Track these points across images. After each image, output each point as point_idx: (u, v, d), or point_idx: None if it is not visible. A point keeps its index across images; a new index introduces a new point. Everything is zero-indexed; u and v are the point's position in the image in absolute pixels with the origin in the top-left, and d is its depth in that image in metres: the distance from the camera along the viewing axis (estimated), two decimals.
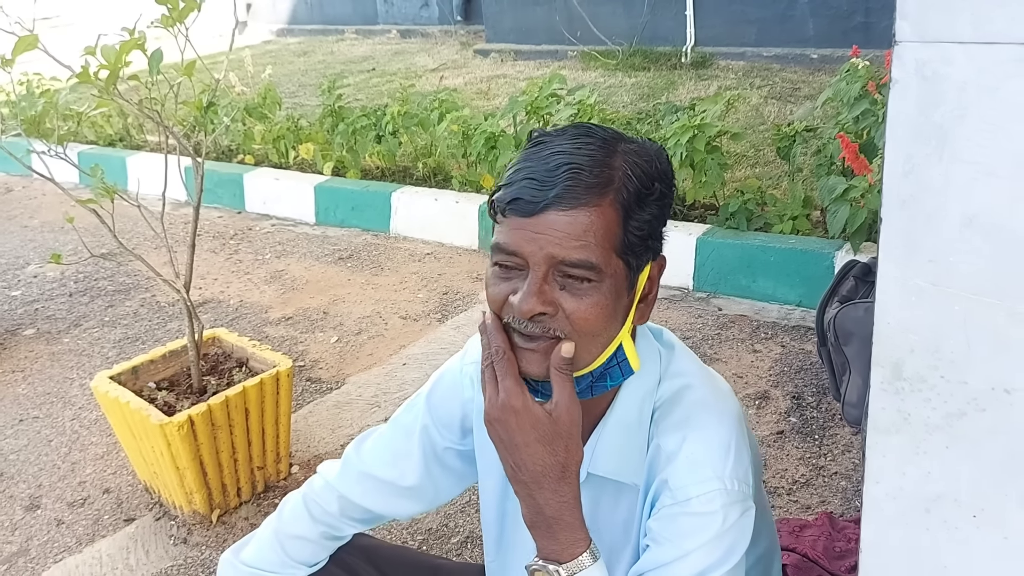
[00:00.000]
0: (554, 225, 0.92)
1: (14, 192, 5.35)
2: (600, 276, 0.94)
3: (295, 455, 2.53)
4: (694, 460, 0.99)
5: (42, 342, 3.36)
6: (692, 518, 0.97)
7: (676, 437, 1.02)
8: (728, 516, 0.97)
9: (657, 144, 1.03)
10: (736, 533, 0.98)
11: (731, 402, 1.07)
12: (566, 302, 0.94)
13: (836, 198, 2.93)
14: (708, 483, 0.98)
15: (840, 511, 2.14)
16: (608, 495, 1.09)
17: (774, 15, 6.25)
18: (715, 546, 0.96)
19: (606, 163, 0.95)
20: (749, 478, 1.01)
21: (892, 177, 0.67)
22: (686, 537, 0.97)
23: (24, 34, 1.98)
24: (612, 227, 0.94)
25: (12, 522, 2.34)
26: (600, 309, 0.95)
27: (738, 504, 0.98)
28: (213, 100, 2.21)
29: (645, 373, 1.06)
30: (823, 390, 2.64)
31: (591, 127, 1.00)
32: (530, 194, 0.93)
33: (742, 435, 1.04)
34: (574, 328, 0.95)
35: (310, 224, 4.43)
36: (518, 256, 0.94)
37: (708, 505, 0.97)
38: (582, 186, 0.93)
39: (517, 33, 7.36)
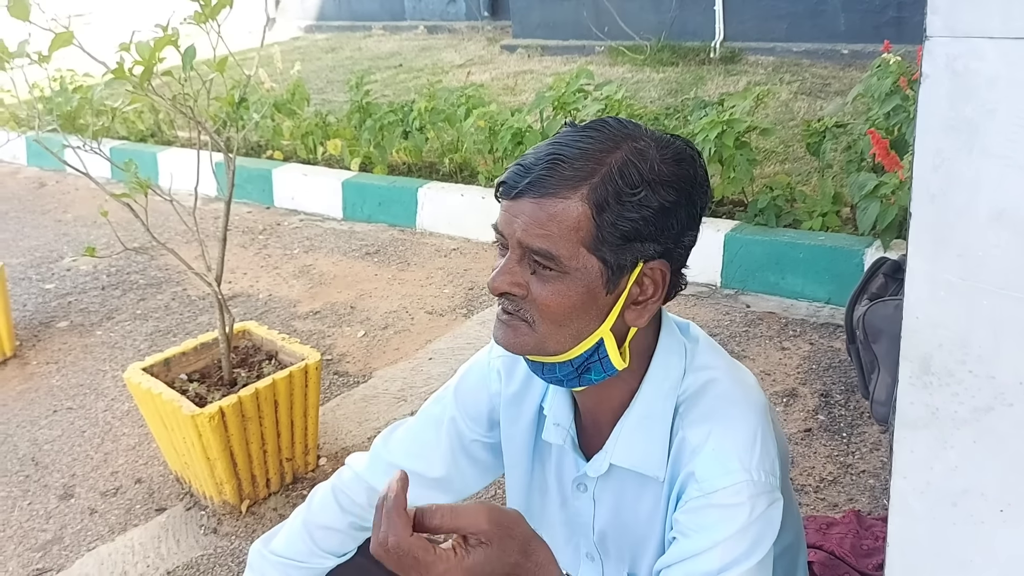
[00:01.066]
0: (524, 211, 0.95)
1: (48, 187, 5.44)
2: (562, 267, 0.95)
3: (323, 447, 2.56)
4: (720, 452, 0.99)
5: (75, 334, 3.42)
6: (719, 510, 0.97)
7: (702, 430, 1.02)
8: (755, 507, 0.97)
9: (682, 144, 1.01)
10: (763, 524, 0.98)
11: (757, 394, 1.07)
12: (534, 286, 0.97)
13: (866, 195, 2.91)
14: (734, 474, 0.97)
15: (868, 509, 2.12)
16: (631, 487, 1.10)
17: (805, 10, 6.19)
18: (742, 538, 0.96)
19: (596, 157, 0.95)
20: (776, 469, 1.01)
21: (922, 171, 0.67)
22: (713, 529, 0.97)
23: (60, 31, 2.02)
24: (582, 222, 0.94)
25: (47, 510, 2.39)
26: (562, 299, 0.96)
27: (765, 495, 0.98)
28: (244, 96, 2.24)
29: (669, 366, 1.06)
30: (852, 388, 2.62)
31: (609, 122, 1.00)
32: (512, 179, 0.97)
33: (768, 427, 1.03)
34: (539, 313, 0.98)
35: (337, 219, 4.46)
36: (502, 235, 0.99)
37: (735, 497, 0.97)
38: (556, 177, 0.94)
39: (544, 28, 7.35)
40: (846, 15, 6.06)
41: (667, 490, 1.05)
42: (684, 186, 0.98)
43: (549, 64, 6.84)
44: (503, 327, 1.02)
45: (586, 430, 1.14)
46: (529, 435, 1.20)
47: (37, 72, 2.25)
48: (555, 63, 6.87)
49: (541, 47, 7.24)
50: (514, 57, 7.22)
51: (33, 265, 4.14)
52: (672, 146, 1.00)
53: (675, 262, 1.01)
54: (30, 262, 4.18)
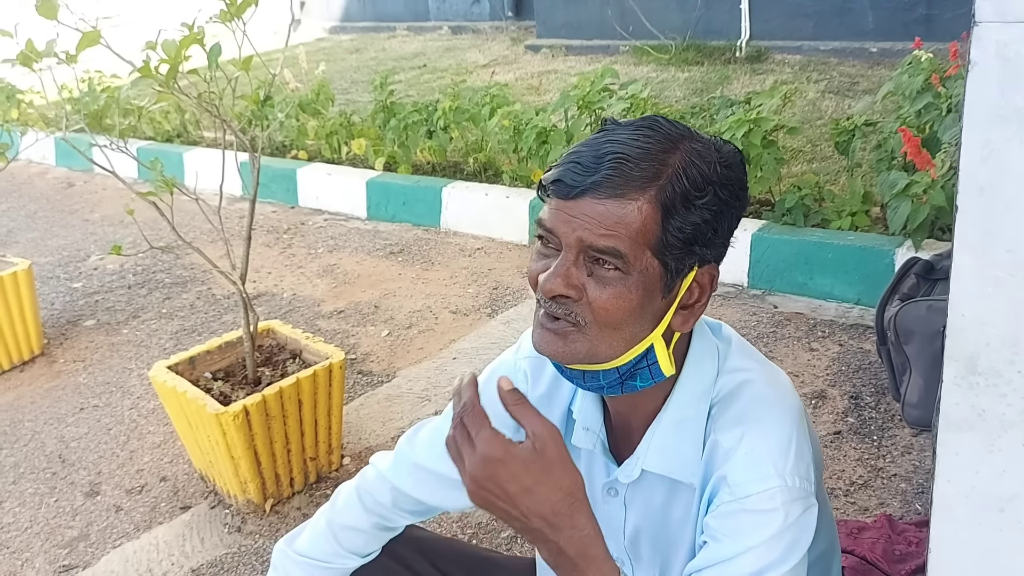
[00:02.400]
0: (588, 211, 0.92)
1: (76, 186, 5.49)
2: (627, 267, 0.93)
3: (346, 447, 2.56)
4: (754, 456, 0.97)
5: (102, 333, 3.44)
6: (752, 515, 0.95)
7: (735, 433, 0.99)
8: (789, 513, 0.94)
9: (732, 147, 0.99)
10: (797, 531, 0.95)
11: (791, 397, 1.04)
12: (591, 288, 0.94)
13: (897, 193, 2.86)
14: (768, 480, 0.95)
15: (899, 514, 2.08)
16: (662, 492, 1.07)
17: (832, 8, 6.12)
18: (775, 544, 0.93)
19: (659, 158, 0.93)
20: (811, 475, 0.99)
21: (969, 163, 0.65)
22: (745, 534, 0.94)
23: (87, 31, 2.03)
24: (648, 223, 0.92)
25: (73, 507, 2.40)
26: (622, 301, 0.93)
27: (800, 501, 0.96)
28: (269, 95, 2.24)
29: (702, 369, 1.04)
30: (882, 390, 2.57)
31: (660, 121, 0.97)
32: (571, 177, 0.93)
33: (803, 431, 1.01)
34: (594, 316, 0.94)
35: (362, 219, 4.47)
36: (553, 235, 0.95)
37: (768, 502, 0.94)
38: (623, 177, 0.91)
39: (568, 28, 7.32)
40: (874, 13, 5.99)
41: (699, 495, 1.03)
42: (737, 188, 0.97)
43: (573, 64, 6.82)
44: (549, 334, 0.97)
45: (616, 433, 1.12)
46: None
47: (65, 73, 2.27)
48: (579, 63, 6.85)
49: (565, 47, 7.22)
50: (538, 57, 7.20)
51: (61, 264, 4.18)
52: (723, 148, 0.98)
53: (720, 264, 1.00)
54: (58, 261, 4.22)
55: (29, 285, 3.19)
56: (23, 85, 5.48)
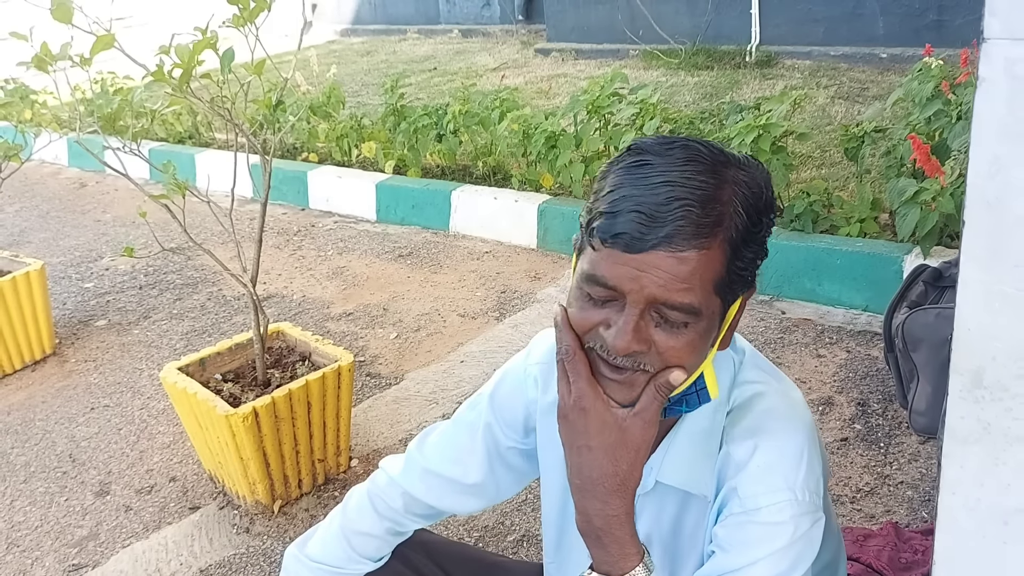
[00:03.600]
0: (660, 266, 0.87)
1: (88, 187, 5.52)
2: (699, 318, 0.91)
3: (354, 449, 2.57)
4: (765, 469, 0.97)
5: (113, 333, 3.46)
6: (761, 527, 0.96)
7: (747, 445, 1.00)
8: (798, 527, 0.95)
9: (762, 167, 0.97)
10: (804, 544, 0.96)
11: (803, 411, 1.05)
12: (659, 339, 0.91)
13: (906, 200, 2.86)
14: (779, 493, 0.96)
15: (906, 521, 2.08)
16: (674, 504, 1.08)
17: (842, 13, 6.12)
18: (783, 556, 0.94)
19: (716, 197, 0.89)
20: (820, 489, 1.00)
21: (977, 178, 0.65)
22: (754, 546, 0.95)
23: (101, 34, 2.04)
24: (718, 268, 0.90)
25: (83, 507, 2.42)
26: (693, 348, 0.92)
27: (808, 515, 0.96)
28: (281, 98, 2.25)
29: (719, 381, 1.04)
30: (889, 397, 2.57)
31: (698, 148, 0.93)
32: (638, 230, 0.87)
33: (814, 445, 1.01)
34: (664, 362, 0.93)
35: (371, 221, 4.48)
36: (616, 291, 0.90)
37: (778, 515, 0.95)
38: (693, 226, 0.87)
39: (578, 32, 7.33)
40: (885, 19, 5.98)
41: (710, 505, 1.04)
42: (772, 208, 0.96)
43: (583, 68, 6.83)
44: (617, 386, 0.94)
45: None
46: None
47: (79, 74, 2.29)
48: (589, 67, 6.86)
49: (575, 51, 7.23)
50: (548, 60, 7.22)
51: (73, 264, 4.20)
52: (754, 167, 0.96)
53: None
54: (70, 261, 4.25)
55: (42, 285, 3.21)
56: (36, 86, 5.52)
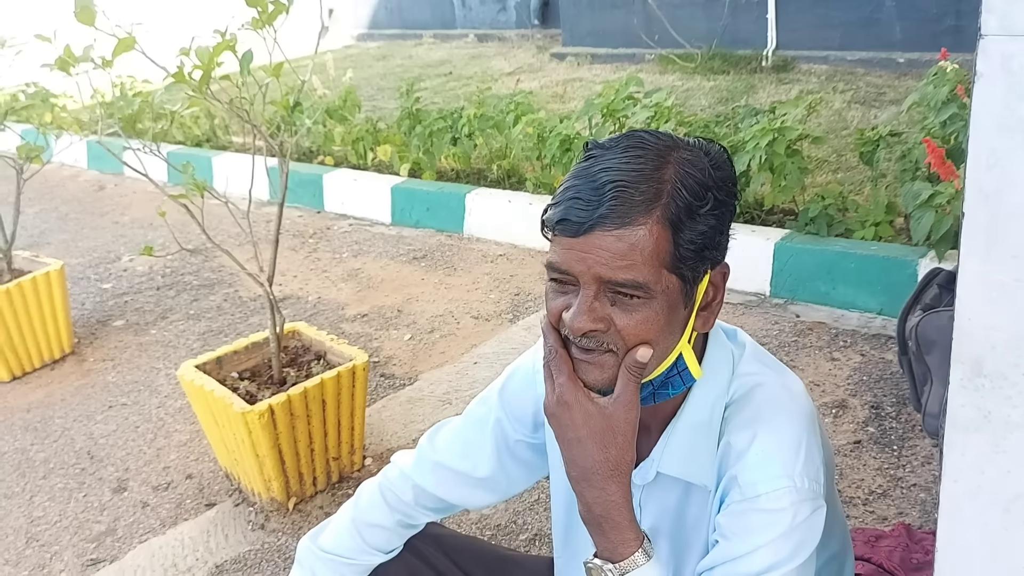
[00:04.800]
0: (600, 245, 0.92)
1: (107, 189, 5.59)
2: (650, 293, 0.94)
3: (368, 448, 2.59)
4: (764, 457, 0.99)
5: (131, 333, 3.50)
6: (761, 514, 0.97)
7: (746, 434, 1.02)
8: (798, 513, 0.96)
9: (717, 147, 1.01)
10: (805, 531, 0.97)
11: (803, 401, 1.06)
12: (617, 318, 0.95)
13: (921, 204, 2.85)
14: (777, 480, 0.97)
15: (918, 523, 2.08)
16: (676, 494, 1.09)
17: (859, 18, 6.10)
18: (784, 543, 0.96)
19: (655, 177, 0.94)
20: (820, 477, 1.01)
21: (975, 171, 0.67)
22: (755, 533, 0.97)
23: (123, 36, 2.08)
24: (661, 244, 0.93)
25: (101, 503, 2.45)
26: (651, 324, 0.95)
27: (808, 502, 0.98)
28: (299, 100, 2.29)
29: (717, 374, 1.06)
30: (903, 400, 2.57)
31: (644, 136, 0.98)
32: (576, 215, 0.93)
33: (813, 434, 1.03)
34: (626, 342, 0.96)
35: (386, 224, 4.51)
36: (569, 275, 0.96)
37: (777, 502, 0.97)
38: (627, 204, 0.92)
39: (594, 36, 7.35)
40: (902, 23, 5.96)
41: (711, 495, 1.05)
42: (731, 186, 0.99)
43: (599, 72, 6.84)
44: (588, 367, 0.99)
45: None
46: None
47: (100, 78, 2.33)
48: (605, 71, 6.87)
49: (591, 55, 7.24)
50: (564, 65, 7.24)
51: (92, 265, 4.26)
52: (711, 150, 1.00)
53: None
54: (89, 262, 4.30)
55: (61, 285, 3.26)
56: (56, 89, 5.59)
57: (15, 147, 3.19)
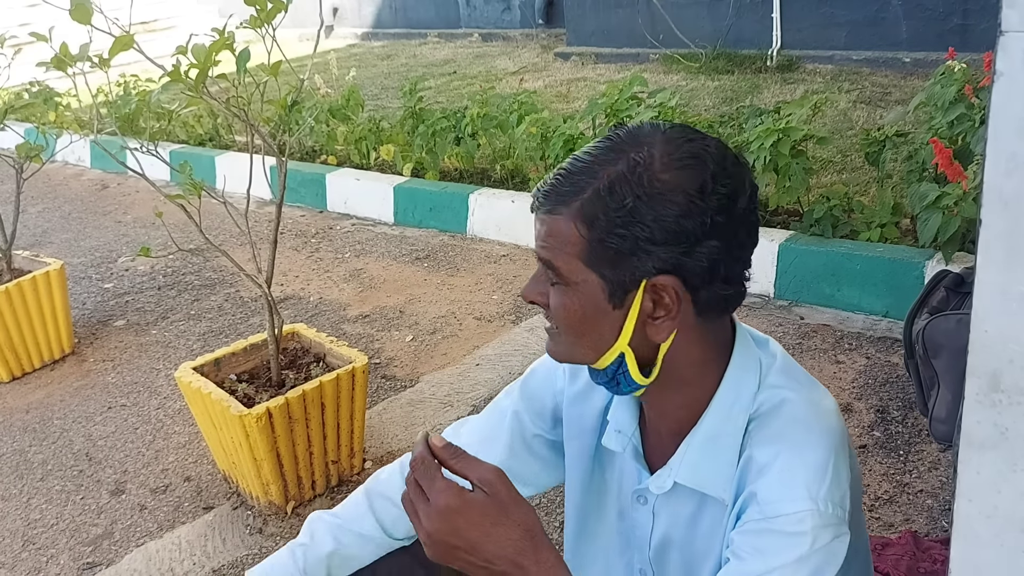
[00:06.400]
0: (536, 225, 1.00)
1: (109, 189, 5.57)
2: (562, 279, 0.98)
3: (368, 451, 2.56)
4: (787, 476, 0.95)
5: (131, 333, 3.48)
6: (779, 536, 0.93)
7: (771, 450, 0.98)
8: (818, 539, 0.92)
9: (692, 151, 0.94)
10: (825, 557, 0.93)
11: (834, 420, 1.01)
12: (550, 297, 1.01)
13: (928, 205, 2.82)
14: (800, 502, 0.93)
15: (925, 530, 2.05)
16: (692, 505, 1.06)
17: (865, 17, 6.06)
18: (799, 568, 0.91)
19: (593, 171, 0.95)
20: (846, 503, 0.96)
21: (994, 176, 0.64)
22: (770, 554, 0.93)
23: (120, 35, 2.06)
24: (573, 237, 0.95)
25: (99, 505, 2.43)
26: (568, 311, 0.99)
27: (831, 528, 0.93)
28: (297, 100, 2.26)
29: (742, 384, 1.02)
30: (909, 404, 2.54)
31: (624, 129, 0.98)
32: (535, 194, 1.00)
33: (842, 456, 0.98)
34: (556, 322, 1.02)
35: (389, 224, 4.49)
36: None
37: (798, 525, 0.92)
38: (557, 193, 0.97)
39: (598, 36, 7.32)
40: (908, 23, 5.92)
41: (729, 510, 1.02)
42: (689, 195, 0.92)
43: (603, 72, 6.81)
44: (547, 336, 1.06)
45: (649, 439, 1.11)
46: (591, 438, 1.19)
47: (100, 77, 2.30)
48: (609, 71, 6.84)
49: (595, 55, 7.22)
50: (568, 64, 7.21)
51: (93, 265, 4.24)
52: (679, 152, 0.94)
53: (694, 277, 0.95)
54: (90, 262, 4.28)
55: (61, 285, 3.24)
56: (61, 88, 5.58)
57: (15, 146, 3.17)
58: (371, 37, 9.95)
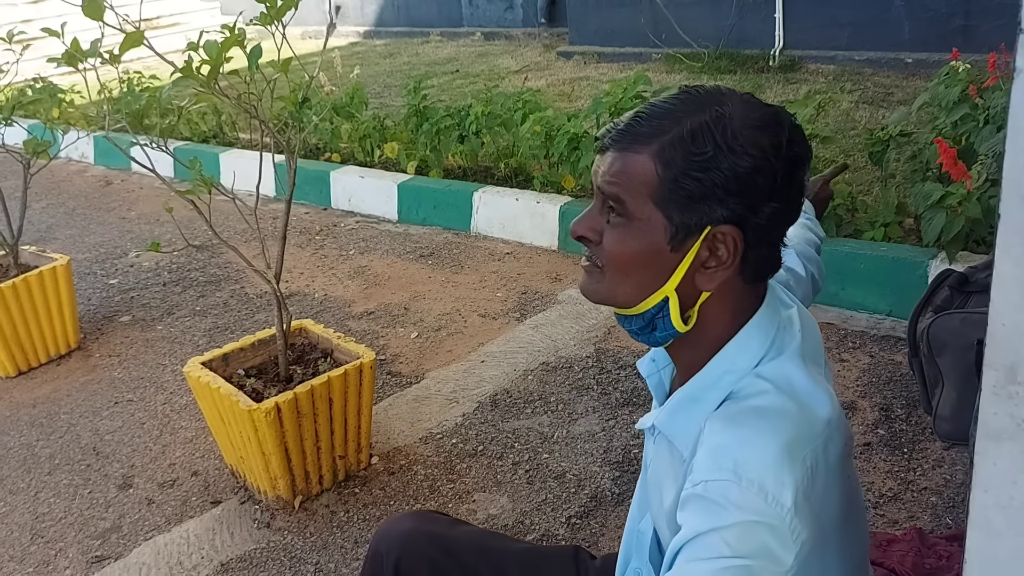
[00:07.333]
0: (606, 161, 1.02)
1: (113, 185, 5.58)
2: (628, 214, 1.00)
3: (375, 446, 2.58)
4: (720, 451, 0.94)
5: (137, 329, 3.49)
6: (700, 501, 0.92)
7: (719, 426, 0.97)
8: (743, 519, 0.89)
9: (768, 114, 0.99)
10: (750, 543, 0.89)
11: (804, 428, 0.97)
12: (606, 233, 1.03)
13: (932, 205, 2.83)
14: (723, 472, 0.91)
15: (930, 527, 2.06)
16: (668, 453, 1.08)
17: (868, 18, 6.07)
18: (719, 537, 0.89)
19: (675, 117, 0.99)
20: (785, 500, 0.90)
21: (1013, 171, 0.65)
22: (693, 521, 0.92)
23: (130, 31, 2.07)
24: (648, 175, 0.98)
25: (106, 499, 2.44)
26: (625, 247, 1.01)
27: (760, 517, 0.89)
28: (307, 96, 2.27)
29: (738, 359, 1.01)
30: (913, 403, 2.55)
31: (704, 87, 1.02)
32: (604, 135, 1.04)
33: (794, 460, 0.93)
34: (607, 260, 1.03)
35: (393, 221, 4.50)
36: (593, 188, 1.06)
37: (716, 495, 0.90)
38: (633, 133, 1.00)
39: (601, 35, 7.32)
40: (911, 23, 5.93)
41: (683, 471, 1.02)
42: (763, 153, 0.97)
43: (605, 71, 6.83)
44: (582, 274, 1.07)
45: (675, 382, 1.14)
46: None
47: (107, 73, 2.31)
48: (611, 70, 6.85)
49: (598, 54, 7.22)
50: (570, 63, 7.22)
51: (98, 261, 4.25)
52: (758, 112, 1.00)
53: (752, 233, 0.99)
54: (95, 258, 4.29)
55: (67, 280, 3.25)
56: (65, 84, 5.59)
57: (22, 142, 3.18)
58: (373, 35, 9.96)
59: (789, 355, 1.02)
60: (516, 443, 2.54)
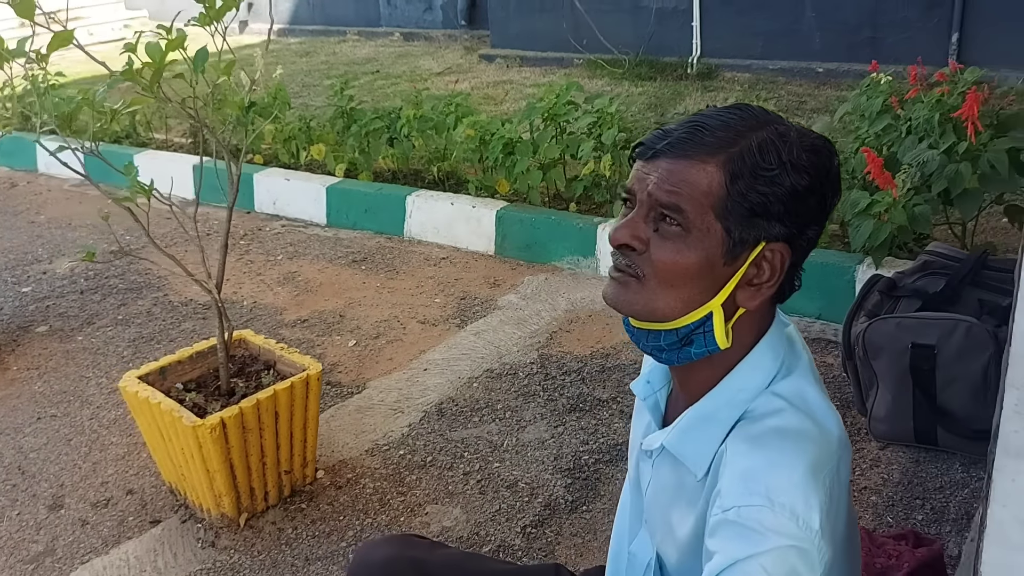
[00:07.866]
0: (661, 167, 0.98)
1: (19, 187, 5.29)
2: (688, 225, 0.97)
3: (319, 459, 2.52)
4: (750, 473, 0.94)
5: (56, 340, 3.33)
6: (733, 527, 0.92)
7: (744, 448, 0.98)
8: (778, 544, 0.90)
9: (822, 139, 1.02)
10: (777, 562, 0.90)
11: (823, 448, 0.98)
12: (654, 243, 0.99)
13: (859, 212, 2.94)
14: (756, 497, 0.92)
15: (872, 526, 2.14)
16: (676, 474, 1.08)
17: (781, 28, 6.28)
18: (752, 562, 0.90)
19: (737, 131, 0.98)
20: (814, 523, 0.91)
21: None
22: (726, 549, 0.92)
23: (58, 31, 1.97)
24: (714, 186, 0.96)
25: (36, 521, 2.32)
26: (679, 258, 0.97)
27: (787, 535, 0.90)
28: (255, 101, 2.22)
29: (755, 373, 1.02)
30: (847, 404, 2.65)
31: (753, 106, 1.03)
32: (651, 140, 1.00)
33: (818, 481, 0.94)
34: (654, 270, 0.98)
35: (321, 225, 4.41)
36: (631, 193, 1.02)
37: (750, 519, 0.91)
38: (697, 141, 0.97)
39: (523, 39, 7.35)
40: (821, 34, 6.16)
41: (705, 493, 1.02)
42: (818, 175, 0.99)
43: (528, 75, 6.85)
44: (613, 284, 1.02)
45: (672, 403, 1.14)
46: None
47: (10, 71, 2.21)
48: (534, 74, 6.88)
49: (520, 57, 7.25)
50: (493, 66, 7.22)
51: (8, 267, 4.03)
52: (811, 136, 1.01)
53: (796, 252, 1.01)
54: (4, 264, 4.07)
55: None
56: None
57: None
58: (287, 33, 9.74)
59: (801, 372, 1.04)
60: (466, 452, 2.52)
